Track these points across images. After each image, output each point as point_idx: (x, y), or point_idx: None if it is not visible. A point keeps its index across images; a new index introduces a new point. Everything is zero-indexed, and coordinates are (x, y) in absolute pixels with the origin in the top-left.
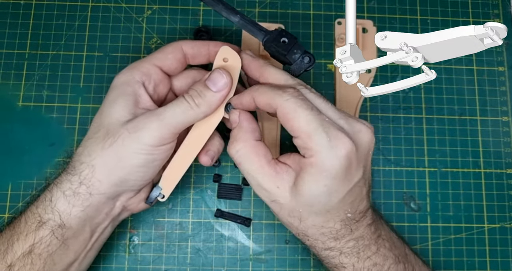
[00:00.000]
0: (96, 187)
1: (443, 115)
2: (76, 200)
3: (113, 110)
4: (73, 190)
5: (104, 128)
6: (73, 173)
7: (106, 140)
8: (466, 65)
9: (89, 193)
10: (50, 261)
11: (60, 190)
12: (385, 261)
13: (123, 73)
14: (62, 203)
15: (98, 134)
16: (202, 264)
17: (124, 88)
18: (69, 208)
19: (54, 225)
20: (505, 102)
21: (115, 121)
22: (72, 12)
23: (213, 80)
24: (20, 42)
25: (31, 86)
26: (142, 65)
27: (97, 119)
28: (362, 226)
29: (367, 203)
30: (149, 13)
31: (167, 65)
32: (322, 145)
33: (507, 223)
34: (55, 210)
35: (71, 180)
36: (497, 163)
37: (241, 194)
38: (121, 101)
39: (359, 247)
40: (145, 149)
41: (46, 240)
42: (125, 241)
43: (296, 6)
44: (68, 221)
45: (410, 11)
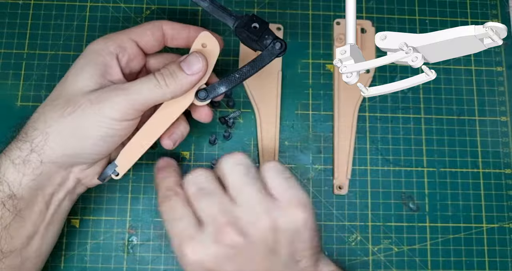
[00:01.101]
0: (48, 155)
1: (442, 116)
2: (26, 168)
3: (78, 78)
4: (23, 157)
5: (65, 97)
6: (24, 139)
7: (65, 108)
8: (465, 65)
9: (40, 161)
10: (6, 234)
11: (9, 158)
12: None
13: (97, 42)
14: (11, 172)
15: (57, 102)
16: None
17: (94, 57)
18: (18, 177)
19: (4, 196)
20: (503, 102)
21: (78, 90)
22: (70, 12)
23: (189, 63)
24: (18, 42)
25: (30, 86)
26: (119, 37)
27: (59, 87)
28: None
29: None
30: (147, 13)
31: (144, 41)
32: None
33: (505, 223)
34: (4, 180)
35: (21, 147)
36: (496, 163)
37: None
38: (88, 70)
39: None
40: (105, 122)
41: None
42: (124, 241)
43: (295, 6)
44: (18, 191)
45: (408, 11)
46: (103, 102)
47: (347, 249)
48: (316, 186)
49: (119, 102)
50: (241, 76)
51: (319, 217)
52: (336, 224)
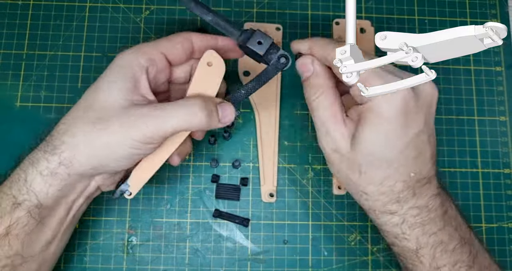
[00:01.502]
0: (75, 168)
1: (441, 115)
2: (53, 179)
3: (109, 93)
4: (50, 169)
5: (96, 111)
6: (52, 152)
7: (96, 124)
8: (464, 65)
9: (68, 174)
10: (28, 240)
11: (36, 169)
12: (451, 240)
13: (128, 53)
14: (39, 182)
15: (87, 115)
16: (201, 265)
17: (126, 71)
18: (45, 187)
19: (30, 205)
20: (502, 102)
21: (109, 107)
22: (70, 13)
23: (224, 111)
24: (18, 43)
25: (29, 86)
26: (149, 50)
27: (89, 98)
28: (427, 194)
29: (431, 168)
30: (147, 13)
31: (173, 54)
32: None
33: (504, 223)
34: (31, 190)
35: (49, 159)
36: (495, 162)
37: (239, 194)
38: (119, 85)
39: (423, 218)
40: (133, 144)
41: (23, 221)
42: (123, 241)
43: (294, 6)
44: (44, 201)
45: (407, 11)
46: (133, 127)
47: (346, 249)
48: (316, 186)
49: (149, 130)
50: (247, 92)
51: (318, 217)
52: (336, 224)
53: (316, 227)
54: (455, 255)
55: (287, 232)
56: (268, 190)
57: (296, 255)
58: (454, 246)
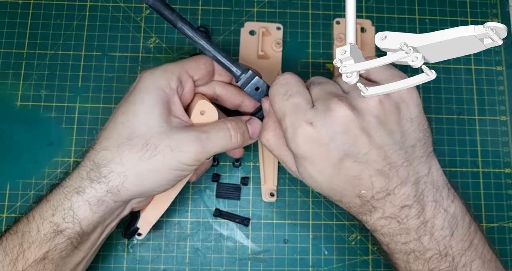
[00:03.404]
0: (122, 195)
1: (442, 115)
2: (98, 207)
3: (149, 118)
4: (98, 197)
5: (140, 138)
6: (100, 180)
7: (144, 151)
8: (465, 64)
9: (114, 201)
10: (62, 263)
11: (82, 198)
12: (426, 251)
13: (157, 74)
14: (84, 210)
15: (133, 142)
16: (201, 264)
17: (159, 93)
18: (90, 215)
19: (72, 232)
20: (503, 101)
21: (153, 131)
22: (70, 12)
23: (254, 130)
24: (18, 42)
25: (29, 85)
26: (177, 70)
27: (127, 123)
28: (393, 206)
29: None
30: (147, 12)
31: (198, 75)
32: (286, 131)
33: (505, 222)
34: (76, 218)
35: (96, 188)
36: (496, 162)
37: (239, 193)
38: (157, 109)
39: (393, 228)
40: (181, 167)
41: (61, 247)
42: (124, 240)
43: (295, 5)
44: (87, 228)
45: (408, 10)
46: (183, 151)
47: (347, 248)
48: None
49: (195, 152)
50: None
51: (319, 217)
52: (336, 223)
53: (317, 226)
54: (432, 263)
55: (287, 232)
56: (269, 189)
57: (297, 254)
58: (430, 255)
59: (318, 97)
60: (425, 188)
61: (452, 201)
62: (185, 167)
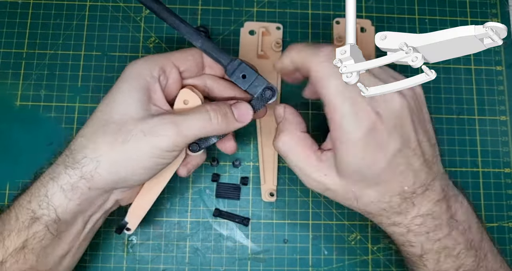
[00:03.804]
0: (96, 182)
1: (441, 115)
2: (73, 194)
3: (126, 104)
4: (71, 184)
5: (115, 124)
6: (74, 166)
7: (117, 137)
8: (464, 64)
9: (88, 188)
10: (43, 254)
11: (57, 184)
12: (455, 246)
13: (139, 64)
14: (59, 197)
15: (107, 128)
16: (201, 264)
17: (138, 81)
18: (65, 202)
19: (49, 220)
20: (503, 101)
21: (128, 118)
22: (70, 11)
23: (240, 111)
24: (18, 42)
25: (29, 85)
26: (161, 60)
27: (106, 110)
28: (429, 201)
29: (426, 175)
30: (147, 12)
31: (185, 66)
32: (347, 118)
33: (505, 222)
34: (51, 205)
35: (70, 173)
36: (495, 162)
37: (239, 193)
38: (135, 96)
39: (428, 226)
40: (156, 153)
41: (40, 235)
42: (124, 240)
43: (295, 5)
44: (63, 216)
45: (408, 10)
46: (156, 135)
47: (346, 248)
48: None
49: (171, 136)
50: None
51: (318, 216)
52: (336, 223)
53: (317, 226)
54: (459, 260)
55: (287, 231)
56: (269, 189)
57: (296, 254)
58: (459, 250)
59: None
60: (447, 183)
61: (462, 196)
62: (161, 153)
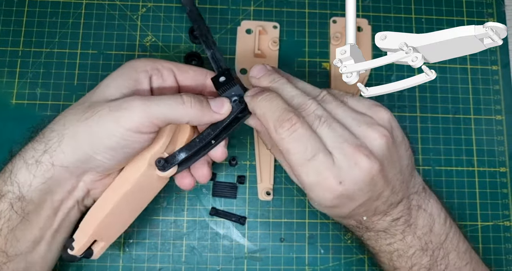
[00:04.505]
0: (60, 158)
1: (437, 114)
2: (37, 169)
3: (107, 88)
4: (36, 158)
5: (89, 102)
6: (40, 140)
7: (85, 112)
8: (460, 64)
9: (51, 163)
10: (12, 237)
11: (22, 158)
12: (408, 248)
13: (137, 60)
14: (23, 173)
15: (80, 106)
16: (197, 262)
17: (128, 71)
18: (29, 178)
19: (13, 197)
20: (498, 101)
21: (102, 98)
22: (66, 10)
23: (216, 103)
24: (13, 40)
25: (25, 84)
26: (160, 62)
27: (88, 94)
28: (384, 222)
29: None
30: (143, 11)
31: (182, 77)
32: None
33: (500, 221)
34: (15, 181)
35: (36, 147)
36: (491, 161)
37: (236, 192)
38: (118, 81)
39: (380, 237)
40: (119, 131)
41: (5, 214)
42: (120, 239)
43: (291, 4)
44: (28, 193)
45: (404, 10)
46: (121, 111)
47: (343, 247)
48: None
49: (137, 112)
50: (201, 140)
51: (315, 215)
52: (332, 222)
53: (313, 225)
54: (412, 260)
55: (283, 230)
56: (265, 188)
57: (293, 253)
58: (413, 252)
59: (333, 145)
60: (412, 198)
61: (429, 200)
62: (124, 132)
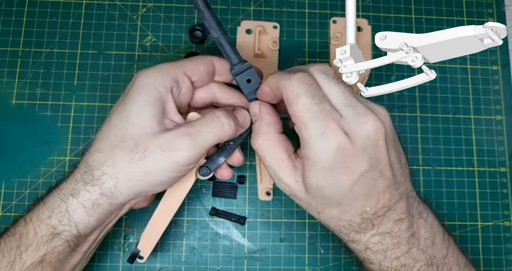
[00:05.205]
0: (117, 198)
1: (437, 114)
2: (94, 210)
3: (141, 118)
4: (92, 201)
5: (131, 140)
6: (93, 183)
7: (135, 153)
8: (460, 64)
9: (109, 204)
10: (60, 266)
11: (77, 200)
12: (415, 263)
13: (151, 73)
14: (79, 213)
15: (125, 145)
16: (197, 263)
17: (152, 93)
18: (86, 218)
19: (69, 235)
20: (498, 101)
21: (144, 132)
22: (66, 10)
23: (241, 117)
24: (14, 40)
25: (25, 84)
26: (173, 70)
27: (120, 124)
28: (389, 221)
29: (391, 197)
30: (143, 11)
31: (197, 76)
32: (314, 136)
33: (500, 221)
34: (72, 221)
35: (90, 190)
36: (491, 161)
37: (236, 192)
38: (150, 109)
39: (386, 244)
40: (174, 167)
41: (59, 250)
42: (120, 239)
43: (291, 4)
44: (83, 231)
45: (404, 10)
46: (174, 151)
47: (343, 247)
48: None
49: (187, 149)
50: (235, 142)
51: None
52: None
53: (313, 225)
54: None
55: (283, 230)
56: (265, 188)
57: (293, 253)
58: (418, 268)
59: (344, 103)
60: (413, 201)
61: (428, 213)
62: (179, 167)
